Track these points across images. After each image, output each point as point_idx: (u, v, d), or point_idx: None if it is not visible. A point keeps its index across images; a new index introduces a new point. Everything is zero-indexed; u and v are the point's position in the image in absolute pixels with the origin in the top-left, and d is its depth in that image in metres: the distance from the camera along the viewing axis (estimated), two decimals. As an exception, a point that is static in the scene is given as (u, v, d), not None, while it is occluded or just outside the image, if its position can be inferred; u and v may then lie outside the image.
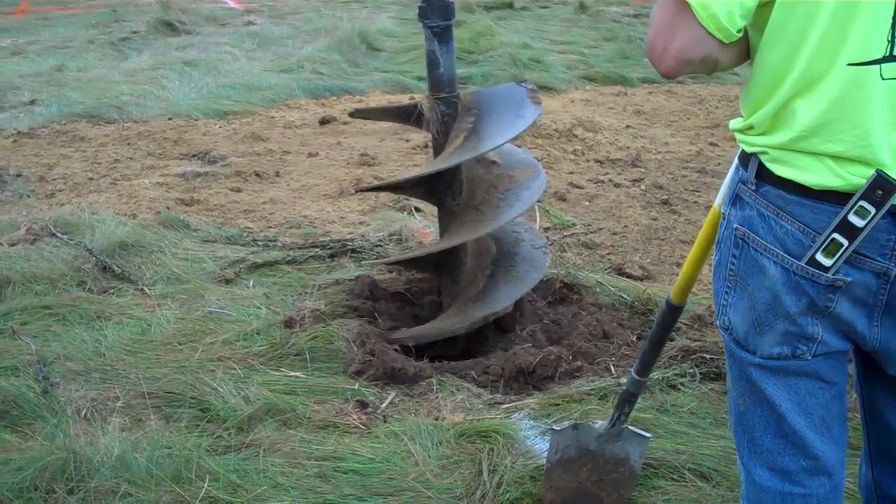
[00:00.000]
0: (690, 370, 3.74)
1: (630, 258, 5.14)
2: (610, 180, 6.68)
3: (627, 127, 8.39)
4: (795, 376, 1.93)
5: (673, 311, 2.59)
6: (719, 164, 7.14)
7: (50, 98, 9.24)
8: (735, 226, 1.92)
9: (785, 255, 1.82)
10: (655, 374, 3.67)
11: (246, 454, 3.20)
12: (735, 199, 1.94)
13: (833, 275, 1.79)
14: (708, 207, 6.02)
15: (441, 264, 4.15)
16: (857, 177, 1.74)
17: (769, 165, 1.83)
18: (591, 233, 5.54)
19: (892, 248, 1.77)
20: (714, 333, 4.07)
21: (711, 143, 7.79)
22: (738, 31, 1.74)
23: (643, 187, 6.51)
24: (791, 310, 1.86)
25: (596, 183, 6.63)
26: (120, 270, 4.76)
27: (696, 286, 4.62)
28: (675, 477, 3.06)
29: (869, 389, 2.10)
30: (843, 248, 1.76)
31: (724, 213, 2.00)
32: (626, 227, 5.68)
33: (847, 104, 1.72)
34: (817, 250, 1.78)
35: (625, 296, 4.47)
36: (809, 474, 1.99)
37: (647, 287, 4.58)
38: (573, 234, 5.50)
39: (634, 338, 4.13)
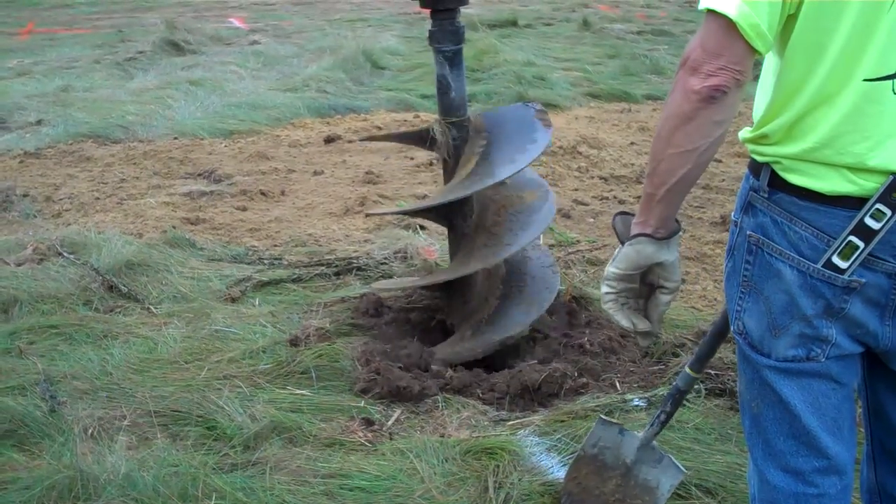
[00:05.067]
0: (696, 386, 3.73)
1: (635, 274, 5.13)
2: (615, 197, 6.69)
3: (632, 143, 8.41)
4: (809, 377, 1.98)
5: None
6: (723, 180, 7.14)
7: (56, 118, 9.27)
8: (748, 233, 1.97)
9: (801, 258, 1.88)
10: (660, 390, 3.67)
11: (252, 472, 3.20)
12: (747, 208, 1.99)
13: (849, 276, 1.84)
14: (712, 223, 6.04)
15: (451, 285, 4.16)
16: (870, 182, 1.80)
17: (782, 174, 1.89)
18: (596, 249, 5.54)
19: None
20: (719, 349, 4.06)
21: (715, 160, 7.79)
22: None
23: (648, 204, 6.50)
24: (808, 312, 1.91)
25: (600, 200, 6.64)
26: (126, 289, 4.78)
27: (699, 302, 4.67)
28: (680, 493, 3.05)
29: (874, 389, 2.16)
30: (859, 250, 1.82)
31: (735, 222, 2.04)
32: (630, 243, 5.67)
33: (859, 118, 1.78)
34: (833, 253, 1.84)
35: (630, 312, 4.46)
36: (822, 474, 2.04)
37: (652, 303, 4.57)
38: (578, 251, 5.50)
39: (640, 354, 4.13)
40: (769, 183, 1.92)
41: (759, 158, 1.95)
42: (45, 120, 9.27)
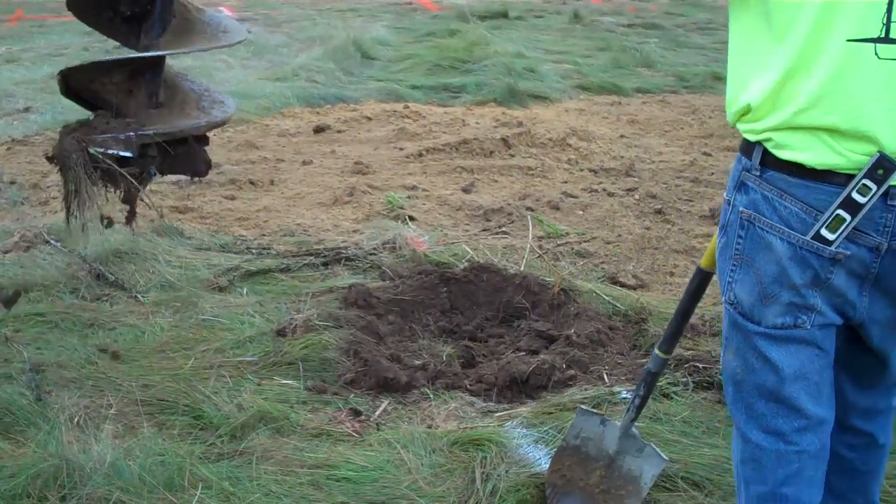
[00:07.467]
0: (683, 379, 3.75)
1: (623, 267, 5.15)
2: (604, 189, 6.69)
3: (621, 136, 8.41)
4: (796, 343, 2.12)
5: (702, 277, 2.66)
6: (713, 173, 7.15)
7: (44, 105, 9.21)
8: (741, 209, 2.10)
9: (791, 231, 2.01)
10: (648, 383, 3.67)
11: (239, 462, 3.20)
12: (739, 186, 2.12)
13: (835, 248, 1.98)
14: (701, 216, 6.04)
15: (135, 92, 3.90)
16: (855, 153, 1.92)
17: (774, 151, 2.01)
18: (585, 242, 5.55)
19: (884, 224, 1.96)
20: (706, 343, 4.07)
21: (705, 153, 7.81)
22: None
23: (637, 197, 6.52)
24: (797, 281, 2.05)
25: (590, 192, 6.64)
26: (113, 278, 4.76)
27: (688, 295, 4.65)
28: (668, 486, 3.06)
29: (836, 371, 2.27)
30: (846, 222, 1.95)
31: (727, 200, 2.18)
32: (619, 236, 5.69)
33: (844, 78, 1.88)
34: (822, 226, 1.97)
35: (618, 305, 4.48)
36: (801, 433, 2.18)
37: (641, 296, 4.59)
38: (567, 242, 5.51)
39: (628, 347, 4.14)
40: (761, 162, 2.04)
41: (751, 137, 2.05)
42: (34, 107, 9.22)
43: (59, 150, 3.79)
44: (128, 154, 3.80)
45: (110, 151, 3.78)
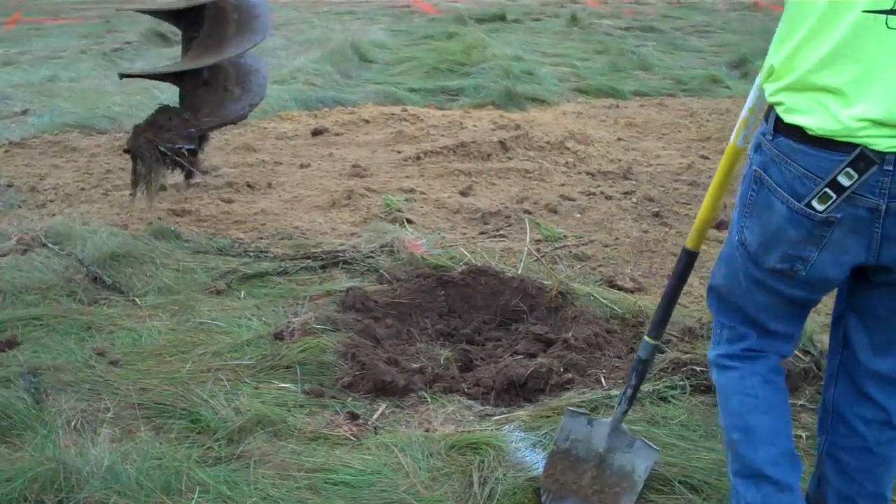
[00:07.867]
0: (681, 382, 3.74)
1: (621, 270, 5.15)
2: (601, 192, 6.69)
3: (619, 139, 8.41)
4: (775, 294, 2.47)
5: (689, 257, 2.78)
6: (710, 176, 7.11)
7: (42, 108, 9.21)
8: (755, 168, 2.39)
9: (790, 197, 2.27)
10: (646, 387, 3.67)
11: (236, 465, 3.20)
12: (756, 147, 2.40)
13: (825, 214, 2.22)
14: (699, 220, 6.03)
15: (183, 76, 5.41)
16: (852, 120, 2.11)
17: (782, 116, 2.25)
18: (583, 245, 5.55)
19: (880, 187, 2.15)
20: (704, 346, 4.07)
21: (702, 156, 7.81)
22: None
23: (634, 200, 6.53)
24: (793, 237, 2.32)
25: (587, 195, 6.64)
26: (111, 281, 4.75)
27: (685, 298, 4.66)
28: (665, 489, 3.06)
29: (847, 324, 2.57)
30: (833, 199, 2.19)
31: (749, 156, 2.45)
32: (617, 239, 5.69)
33: (855, 43, 2.10)
34: (813, 198, 2.22)
35: (616, 308, 4.48)
36: (763, 338, 2.58)
37: (639, 299, 4.59)
38: (564, 246, 5.51)
39: (625, 350, 4.14)
40: (774, 127, 2.29)
41: (770, 99, 2.31)
42: (31, 110, 9.21)
43: (134, 145, 5.04)
44: (191, 147, 5.10)
45: (177, 146, 5.05)
